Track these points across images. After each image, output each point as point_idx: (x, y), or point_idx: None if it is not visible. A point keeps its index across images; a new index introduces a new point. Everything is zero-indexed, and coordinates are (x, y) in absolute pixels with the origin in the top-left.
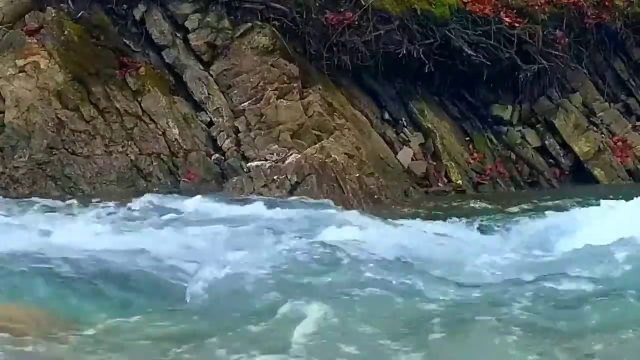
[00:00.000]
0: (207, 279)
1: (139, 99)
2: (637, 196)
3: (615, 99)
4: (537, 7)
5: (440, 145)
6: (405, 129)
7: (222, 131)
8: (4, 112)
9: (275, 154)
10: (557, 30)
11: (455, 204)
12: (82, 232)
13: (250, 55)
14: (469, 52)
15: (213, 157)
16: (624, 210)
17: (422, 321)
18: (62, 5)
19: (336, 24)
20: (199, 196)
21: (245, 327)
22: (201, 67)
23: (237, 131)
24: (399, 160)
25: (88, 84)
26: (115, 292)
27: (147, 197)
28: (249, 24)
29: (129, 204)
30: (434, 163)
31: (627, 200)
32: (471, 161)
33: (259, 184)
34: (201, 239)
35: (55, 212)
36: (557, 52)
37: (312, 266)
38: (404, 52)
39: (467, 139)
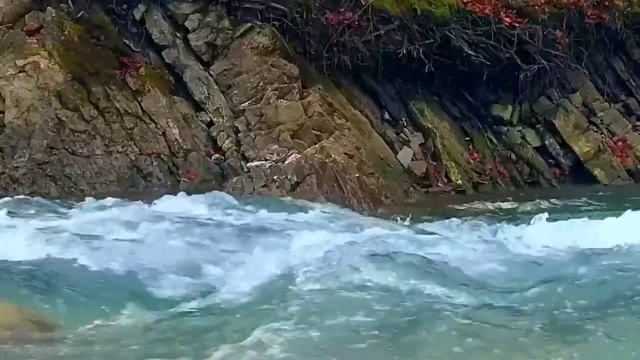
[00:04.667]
0: (209, 281)
1: (139, 99)
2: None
3: (615, 99)
4: (537, 7)
5: (440, 145)
6: (405, 129)
7: (222, 131)
8: (4, 112)
9: (275, 154)
10: (557, 30)
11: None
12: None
13: (250, 55)
14: (469, 52)
15: (213, 157)
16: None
17: (416, 322)
18: (62, 5)
19: (336, 24)
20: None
21: (246, 330)
22: (201, 67)
23: (237, 131)
24: (399, 160)
25: (88, 84)
26: (114, 293)
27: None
28: (249, 24)
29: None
30: (434, 163)
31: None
32: (471, 161)
33: (259, 184)
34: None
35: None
36: (557, 52)
37: (319, 267)
38: (404, 52)
39: (467, 139)
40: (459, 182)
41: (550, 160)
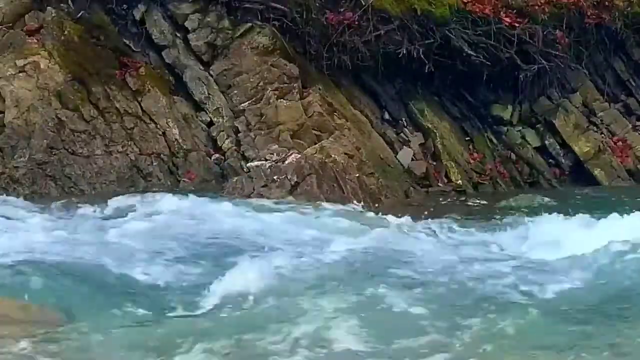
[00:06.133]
0: (210, 283)
1: (139, 99)
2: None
3: (615, 99)
4: (537, 7)
5: (440, 145)
6: (405, 129)
7: (222, 131)
8: (4, 112)
9: (275, 154)
10: (557, 30)
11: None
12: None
13: (250, 55)
14: (469, 52)
15: (213, 157)
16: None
17: (414, 322)
18: (62, 5)
19: (336, 24)
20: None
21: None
22: (201, 67)
23: (237, 131)
24: (399, 160)
25: (88, 84)
26: (114, 292)
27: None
28: (249, 24)
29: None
30: (434, 163)
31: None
32: (471, 161)
33: (259, 184)
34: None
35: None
36: (557, 52)
37: (319, 268)
38: (404, 52)
39: (467, 139)
40: (459, 182)
41: (550, 160)
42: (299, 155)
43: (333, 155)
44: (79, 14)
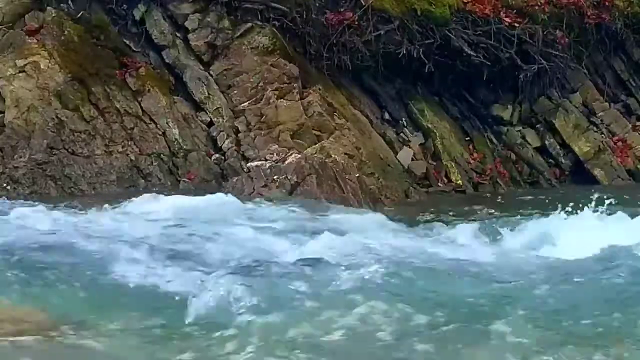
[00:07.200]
0: (210, 285)
1: (139, 99)
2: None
3: (615, 99)
4: (537, 7)
5: (440, 145)
6: (405, 129)
7: (222, 131)
8: (4, 112)
9: (275, 154)
10: (557, 30)
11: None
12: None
13: (250, 55)
14: (469, 52)
15: (213, 157)
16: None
17: (421, 321)
18: (62, 5)
19: (336, 24)
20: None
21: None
22: (201, 67)
23: (237, 131)
24: (399, 160)
25: (88, 84)
26: (114, 295)
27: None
28: (249, 24)
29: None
30: (434, 163)
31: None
32: (471, 161)
33: (259, 184)
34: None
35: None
36: (557, 52)
37: (320, 269)
38: (404, 52)
39: (467, 139)
40: (459, 182)
41: (550, 160)
42: (299, 155)
43: (333, 155)
44: (79, 14)
